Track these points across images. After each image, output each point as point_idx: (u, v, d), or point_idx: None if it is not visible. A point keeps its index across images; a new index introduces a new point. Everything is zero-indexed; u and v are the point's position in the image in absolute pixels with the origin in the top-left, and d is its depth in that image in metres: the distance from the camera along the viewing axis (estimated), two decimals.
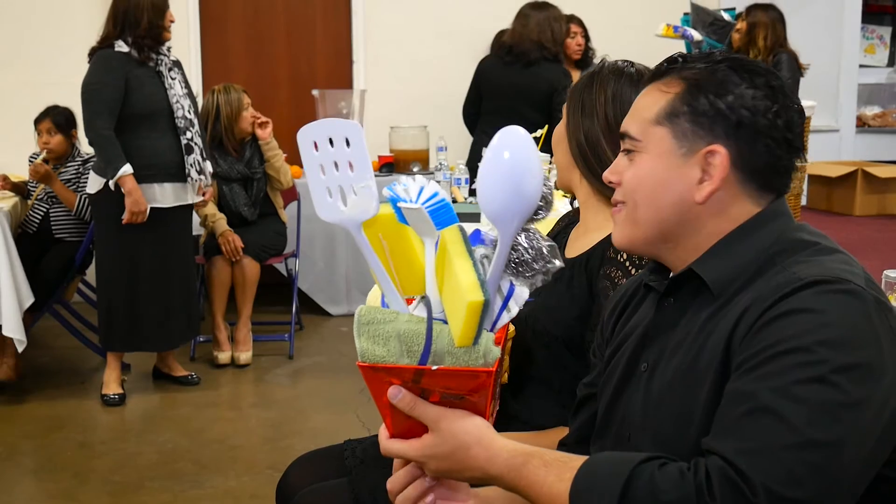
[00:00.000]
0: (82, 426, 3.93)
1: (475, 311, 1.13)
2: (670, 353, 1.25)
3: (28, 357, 4.52)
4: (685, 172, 1.24)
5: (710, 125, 1.23)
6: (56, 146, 4.65)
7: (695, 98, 1.24)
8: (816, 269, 1.15)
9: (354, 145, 1.20)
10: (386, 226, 1.24)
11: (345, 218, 1.22)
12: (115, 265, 4.12)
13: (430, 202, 1.17)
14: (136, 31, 3.96)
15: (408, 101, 6.43)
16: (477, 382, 1.18)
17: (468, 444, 1.20)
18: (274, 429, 3.89)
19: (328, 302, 5.63)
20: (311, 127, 1.22)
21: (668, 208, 1.26)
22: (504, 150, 1.17)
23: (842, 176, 4.20)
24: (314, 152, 1.22)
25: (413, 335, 1.18)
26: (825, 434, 1.04)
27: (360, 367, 1.20)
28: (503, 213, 1.17)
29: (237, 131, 4.84)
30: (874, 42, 7.72)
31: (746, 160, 1.22)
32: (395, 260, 1.25)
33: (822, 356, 1.07)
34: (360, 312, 1.20)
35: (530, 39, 4.92)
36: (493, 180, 1.17)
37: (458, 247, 1.19)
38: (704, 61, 1.26)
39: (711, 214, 1.24)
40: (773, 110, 1.22)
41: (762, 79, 1.24)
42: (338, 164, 1.21)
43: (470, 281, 1.14)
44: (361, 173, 1.20)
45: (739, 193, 1.24)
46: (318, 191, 1.22)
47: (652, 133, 1.26)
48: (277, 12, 6.42)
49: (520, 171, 1.16)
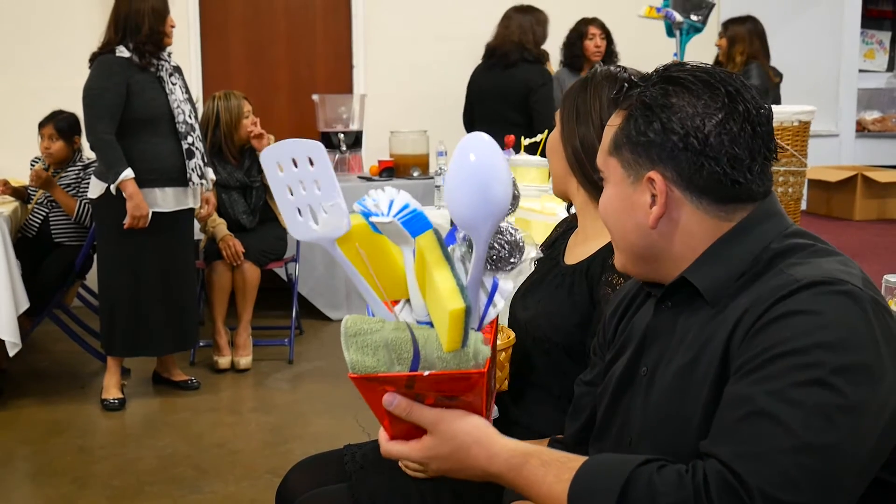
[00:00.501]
0: (82, 431, 3.92)
1: (458, 318, 1.14)
2: (669, 357, 1.25)
3: (27, 362, 4.52)
4: (637, 199, 1.27)
5: (646, 152, 1.24)
6: (57, 152, 4.66)
7: (629, 129, 1.26)
8: (813, 270, 1.15)
9: (318, 164, 1.21)
10: (361, 236, 1.24)
11: (318, 236, 1.23)
12: (116, 269, 4.12)
13: (402, 213, 1.18)
14: (138, 36, 3.97)
15: (408, 105, 6.43)
16: (469, 383, 1.19)
17: (468, 444, 1.21)
18: (274, 433, 3.89)
19: (328, 307, 5.63)
20: (273, 149, 1.23)
21: (632, 234, 1.29)
22: (469, 154, 1.16)
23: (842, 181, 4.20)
24: (279, 174, 1.22)
25: (401, 343, 1.18)
26: (822, 437, 1.04)
27: (352, 378, 1.20)
28: (473, 220, 1.17)
29: (236, 139, 4.83)
30: (874, 47, 7.73)
31: (688, 181, 1.22)
32: (375, 266, 1.25)
33: (818, 358, 1.06)
34: (345, 324, 1.20)
35: (511, 41, 4.95)
36: (459, 188, 1.16)
37: (434, 254, 1.19)
38: (640, 86, 1.27)
39: (667, 235, 1.25)
40: (706, 129, 1.20)
41: (695, 94, 1.22)
42: (304, 184, 1.21)
43: (449, 288, 1.15)
44: (328, 192, 1.21)
45: (695, 211, 1.24)
46: (288, 211, 1.23)
47: (608, 164, 1.31)
48: (277, 17, 6.42)
49: (485, 177, 1.16)
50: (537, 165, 3.48)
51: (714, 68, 1.26)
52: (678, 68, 1.26)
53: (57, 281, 4.48)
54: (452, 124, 6.25)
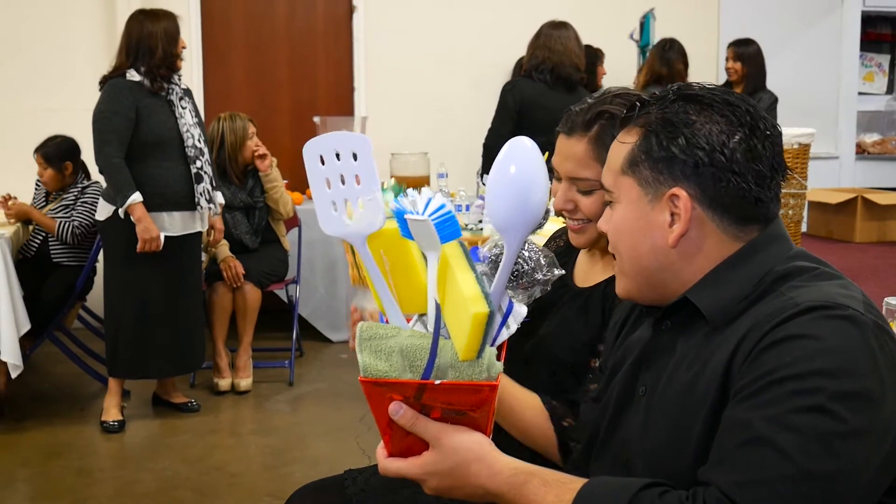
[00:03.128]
0: (81, 453, 3.91)
1: (480, 322, 1.13)
2: (668, 378, 1.24)
3: (27, 383, 4.50)
4: (655, 218, 1.24)
5: (668, 169, 1.22)
6: (48, 179, 4.68)
7: (650, 145, 1.23)
8: (814, 293, 1.14)
9: (362, 158, 1.20)
10: (388, 241, 1.23)
11: (350, 231, 1.21)
12: (122, 292, 4.12)
13: (437, 214, 1.17)
14: (151, 60, 3.99)
15: (408, 127, 6.46)
16: (479, 397, 1.18)
17: (469, 460, 1.20)
18: (274, 456, 3.87)
19: (329, 328, 5.62)
20: (318, 140, 1.22)
21: (647, 256, 1.26)
22: (511, 163, 1.18)
23: (842, 203, 4.21)
24: (320, 166, 1.21)
25: (416, 350, 1.17)
26: (821, 465, 1.03)
27: (362, 382, 1.19)
28: (510, 224, 1.18)
29: (240, 160, 4.86)
30: (873, 70, 7.77)
31: (713, 198, 1.21)
32: (394, 277, 1.25)
33: (818, 385, 1.05)
34: (361, 328, 1.20)
35: (572, 63, 4.62)
36: (500, 192, 1.18)
37: (460, 261, 1.20)
38: (658, 104, 1.25)
39: (687, 255, 1.24)
40: (731, 144, 1.19)
41: (718, 111, 1.21)
42: (344, 178, 1.21)
43: (474, 293, 1.15)
44: (369, 186, 1.20)
45: (715, 230, 1.23)
46: (323, 205, 1.22)
47: (621, 183, 1.28)
48: (279, 40, 6.46)
49: (526, 182, 1.17)
50: None
51: (727, 89, 1.26)
52: (695, 88, 1.25)
53: (58, 302, 4.48)
54: (453, 146, 6.28)
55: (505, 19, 6.38)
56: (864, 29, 7.28)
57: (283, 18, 6.45)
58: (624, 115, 1.31)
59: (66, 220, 4.51)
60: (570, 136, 1.66)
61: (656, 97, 1.27)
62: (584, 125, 1.64)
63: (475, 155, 5.25)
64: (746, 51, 5.68)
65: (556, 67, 4.58)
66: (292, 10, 6.46)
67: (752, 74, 5.64)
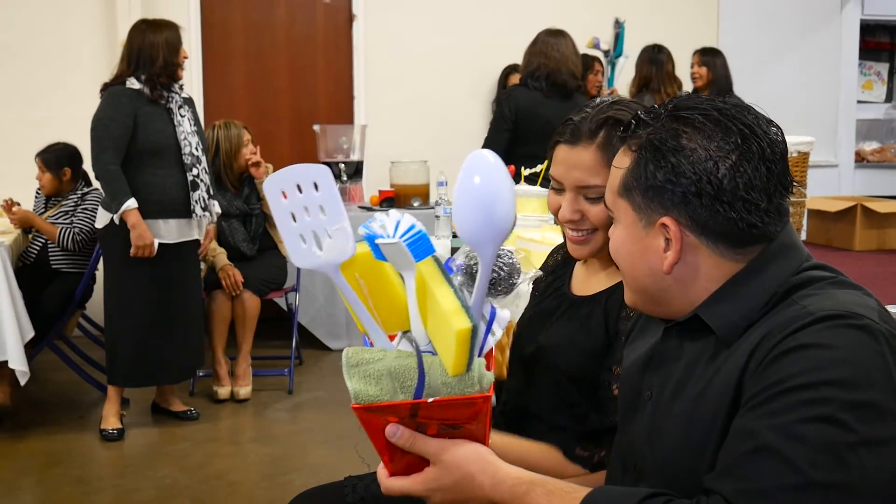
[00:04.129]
0: (80, 461, 3.90)
1: (465, 337, 1.13)
2: (677, 385, 1.23)
3: (27, 391, 4.49)
4: (650, 243, 1.22)
5: (657, 197, 1.19)
6: (46, 184, 4.70)
7: (640, 173, 1.20)
8: (828, 302, 1.12)
9: (324, 188, 1.19)
10: (362, 265, 1.23)
11: (321, 262, 1.21)
12: (121, 300, 4.13)
13: (408, 235, 1.17)
14: (152, 69, 4.01)
15: (408, 135, 6.47)
16: (474, 409, 1.18)
17: (472, 472, 1.20)
18: (273, 464, 3.86)
19: (328, 336, 5.62)
20: (277, 176, 1.21)
21: (644, 278, 1.25)
22: (474, 175, 1.17)
23: (841, 211, 4.20)
24: (283, 201, 1.20)
25: (405, 370, 1.17)
26: (829, 476, 1.00)
27: (354, 409, 1.18)
28: (479, 237, 1.17)
29: (236, 167, 4.86)
30: (872, 78, 7.78)
31: (704, 226, 1.17)
32: (374, 298, 1.24)
33: (827, 394, 1.03)
34: (347, 354, 1.19)
35: (567, 70, 4.58)
36: (465, 206, 1.17)
37: (436, 276, 1.19)
38: (651, 124, 1.21)
39: (685, 280, 1.21)
40: (720, 173, 1.15)
41: (707, 134, 1.17)
42: (308, 209, 1.20)
43: (454, 309, 1.14)
44: (334, 215, 1.20)
45: (711, 255, 1.19)
46: (291, 239, 1.21)
47: (618, 205, 1.26)
48: (279, 49, 6.47)
49: (490, 196, 1.16)
50: (538, 196, 3.47)
51: (724, 103, 1.21)
52: (687, 104, 1.21)
53: (57, 310, 4.48)
54: (452, 154, 6.25)
55: (504, 29, 6.39)
56: (863, 37, 7.30)
57: (283, 27, 6.46)
58: (619, 134, 1.28)
59: (67, 227, 4.52)
60: (574, 144, 1.63)
61: (651, 115, 1.23)
62: (590, 133, 1.61)
63: None
64: (712, 59, 5.67)
65: (552, 74, 4.53)
66: (292, 18, 6.48)
67: (718, 79, 5.61)
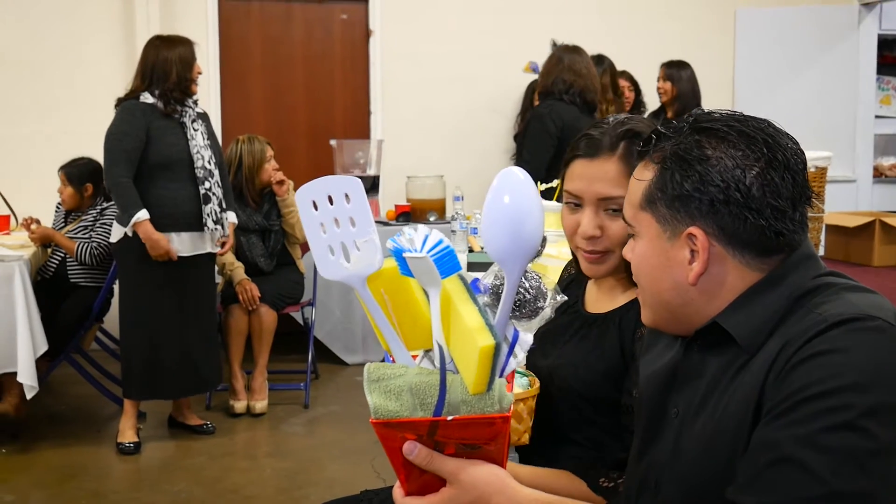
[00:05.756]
0: (96, 475, 3.91)
1: (487, 355, 1.12)
2: (701, 402, 1.22)
3: (44, 405, 4.52)
4: (675, 255, 1.22)
5: (684, 207, 1.19)
6: (68, 198, 4.73)
7: (665, 184, 1.21)
8: (842, 307, 1.12)
9: (355, 200, 1.19)
10: (388, 280, 1.23)
11: (349, 274, 1.20)
12: (135, 314, 4.15)
13: (435, 250, 1.17)
14: (165, 84, 4.04)
15: (424, 150, 6.48)
16: (493, 430, 1.17)
17: (489, 493, 1.19)
18: (289, 479, 3.86)
19: (344, 351, 5.62)
20: (310, 186, 1.21)
21: (668, 292, 1.24)
22: (504, 193, 1.17)
23: (859, 226, 4.18)
24: (313, 211, 1.20)
25: (425, 387, 1.16)
26: (852, 485, 1.00)
27: (373, 424, 1.18)
28: (507, 255, 1.17)
29: (257, 182, 4.88)
30: (889, 93, 7.74)
31: (731, 235, 1.18)
32: (397, 315, 1.23)
33: (848, 401, 1.02)
34: (368, 369, 1.19)
35: (595, 86, 4.58)
36: (494, 223, 1.17)
37: (462, 294, 1.19)
38: (674, 137, 1.22)
39: (709, 292, 1.21)
40: (747, 180, 1.16)
41: (734, 144, 1.18)
42: (338, 221, 1.20)
43: (478, 326, 1.14)
44: (363, 227, 1.19)
45: (737, 265, 1.20)
46: (320, 250, 1.21)
47: (641, 219, 1.26)
48: (297, 65, 6.50)
49: (520, 214, 1.16)
50: (554, 211, 3.46)
51: (743, 115, 1.22)
52: (709, 118, 1.21)
53: (75, 324, 4.50)
54: (469, 169, 6.29)
55: (519, 43, 6.40)
56: (881, 52, 7.27)
57: (300, 42, 6.50)
58: (640, 149, 1.28)
59: (85, 242, 4.55)
60: (594, 158, 1.64)
61: (672, 129, 1.24)
62: (611, 145, 1.63)
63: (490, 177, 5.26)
64: (677, 73, 5.55)
65: (584, 91, 4.53)
66: (309, 34, 6.51)
67: (683, 94, 5.50)
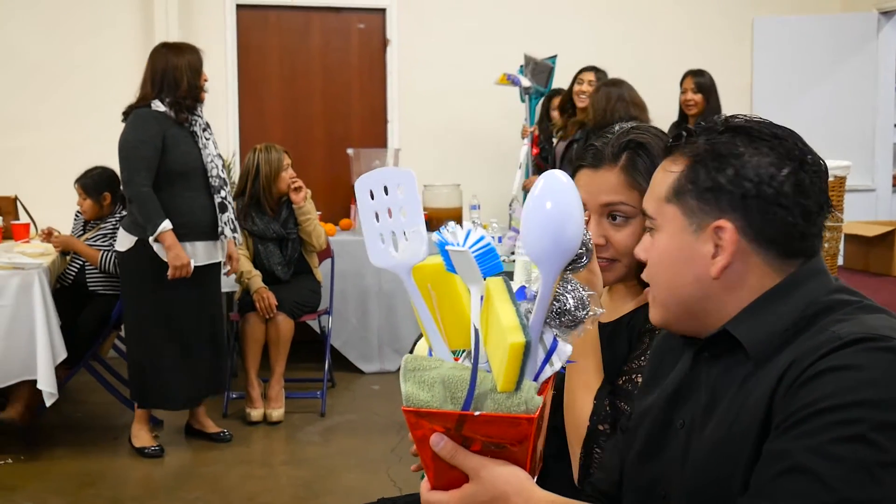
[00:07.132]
0: (113, 482, 3.93)
1: (517, 352, 1.14)
2: (707, 413, 1.23)
3: (61, 412, 4.54)
4: (699, 248, 1.23)
5: (715, 200, 1.21)
6: (87, 209, 4.75)
7: (697, 174, 1.23)
8: (857, 326, 1.13)
9: (407, 192, 1.24)
10: (435, 275, 1.26)
11: (396, 263, 1.25)
12: (142, 322, 4.15)
13: (476, 246, 1.19)
14: (177, 91, 4.05)
15: (441, 160, 6.49)
16: (518, 430, 1.18)
17: (508, 493, 1.19)
18: (305, 487, 3.87)
19: (360, 359, 5.62)
20: (369, 176, 1.26)
21: (688, 286, 1.25)
22: (546, 198, 1.18)
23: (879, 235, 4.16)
24: (370, 200, 1.25)
25: (457, 381, 1.18)
26: (862, 493, 1.01)
27: (404, 411, 1.21)
28: (545, 256, 1.19)
29: (275, 191, 4.90)
30: None
31: (758, 231, 1.20)
32: (441, 312, 1.26)
33: (859, 415, 1.04)
34: (406, 360, 1.22)
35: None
36: (535, 226, 1.19)
37: (502, 294, 1.21)
38: (706, 134, 1.25)
39: (729, 287, 1.23)
40: (779, 178, 1.18)
41: (767, 144, 1.21)
42: (391, 211, 1.25)
43: (512, 323, 1.15)
44: (413, 218, 1.24)
45: (759, 263, 1.22)
46: (372, 237, 1.26)
47: (665, 211, 1.27)
48: (314, 73, 6.53)
49: (561, 218, 1.18)
50: None
51: (770, 122, 1.25)
52: (743, 119, 1.24)
53: (94, 331, 4.52)
54: (485, 178, 6.30)
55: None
56: None
57: (317, 52, 6.53)
58: (670, 143, 1.30)
59: (109, 251, 4.56)
60: (597, 168, 1.69)
61: (703, 128, 1.26)
62: (613, 156, 1.68)
63: (507, 186, 5.26)
64: (704, 81, 5.43)
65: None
66: (327, 43, 6.54)
67: (713, 107, 5.39)
